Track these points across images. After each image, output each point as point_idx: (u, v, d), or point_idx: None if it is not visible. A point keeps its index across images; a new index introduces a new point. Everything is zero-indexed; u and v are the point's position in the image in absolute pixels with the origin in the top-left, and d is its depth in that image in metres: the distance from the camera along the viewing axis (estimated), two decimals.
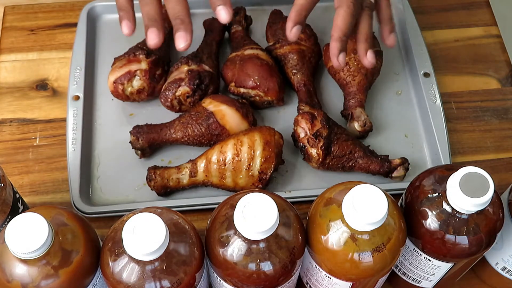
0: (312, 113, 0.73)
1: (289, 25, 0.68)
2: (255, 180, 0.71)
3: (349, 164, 0.74)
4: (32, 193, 0.75)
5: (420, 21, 0.87)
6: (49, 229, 0.50)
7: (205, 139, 0.75)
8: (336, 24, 0.68)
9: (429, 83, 0.82)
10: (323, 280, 0.59)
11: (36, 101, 0.82)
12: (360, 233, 0.53)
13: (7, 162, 0.77)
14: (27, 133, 0.79)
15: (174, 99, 0.77)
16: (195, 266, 0.54)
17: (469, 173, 0.53)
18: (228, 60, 0.80)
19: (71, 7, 0.91)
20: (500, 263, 0.66)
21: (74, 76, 0.81)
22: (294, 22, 0.68)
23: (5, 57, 0.86)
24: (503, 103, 0.84)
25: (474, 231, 0.56)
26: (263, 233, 0.51)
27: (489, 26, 0.91)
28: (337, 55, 0.69)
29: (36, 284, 0.52)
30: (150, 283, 0.52)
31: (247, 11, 0.87)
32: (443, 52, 0.88)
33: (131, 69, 0.77)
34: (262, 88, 0.77)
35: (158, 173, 0.72)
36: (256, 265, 0.53)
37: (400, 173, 0.74)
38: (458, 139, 0.81)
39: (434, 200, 0.56)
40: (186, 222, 0.56)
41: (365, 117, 0.77)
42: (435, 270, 0.61)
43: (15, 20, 0.90)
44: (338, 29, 0.68)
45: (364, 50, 0.71)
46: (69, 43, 0.87)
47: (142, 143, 0.74)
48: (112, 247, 0.54)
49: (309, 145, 0.73)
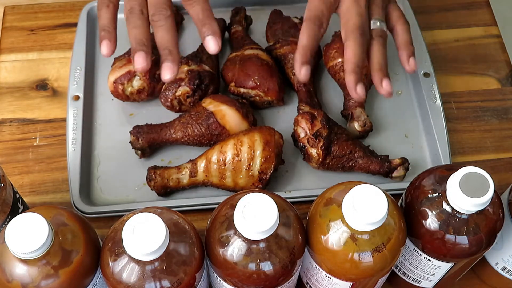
0: (312, 113, 0.73)
1: (297, 67, 0.67)
2: (255, 180, 0.71)
3: (349, 164, 0.74)
4: (32, 193, 0.75)
5: (420, 21, 0.87)
6: (49, 229, 0.50)
7: (205, 139, 0.75)
8: (347, 58, 0.67)
9: (429, 83, 0.82)
10: (323, 280, 0.59)
11: (36, 101, 0.82)
12: (360, 233, 0.53)
13: (7, 162, 0.77)
14: (27, 133, 0.79)
15: (174, 99, 0.77)
16: (195, 266, 0.54)
17: (469, 173, 0.53)
18: (228, 60, 0.80)
19: (71, 7, 0.91)
20: (500, 263, 0.66)
21: (74, 76, 0.81)
22: (301, 63, 0.67)
23: (5, 57, 0.86)
24: (503, 103, 0.84)
25: (474, 231, 0.56)
26: (263, 233, 0.51)
27: (489, 26, 0.91)
28: (354, 87, 0.67)
29: (36, 284, 0.52)
30: (150, 283, 0.52)
31: (247, 11, 0.87)
32: (443, 52, 0.88)
33: (131, 69, 0.77)
34: (262, 88, 0.77)
35: (158, 173, 0.72)
36: (256, 265, 0.53)
37: (400, 173, 0.74)
38: (458, 139, 0.81)
39: (434, 200, 0.56)
40: (186, 222, 0.56)
41: (365, 117, 0.77)
42: (435, 270, 0.61)
43: (15, 20, 0.90)
44: (349, 62, 0.67)
45: (379, 79, 0.68)
46: (69, 43, 0.87)
47: (142, 143, 0.74)
48: (112, 247, 0.54)
49: (309, 145, 0.73)
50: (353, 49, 0.66)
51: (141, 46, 0.64)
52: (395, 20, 0.72)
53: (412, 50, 0.72)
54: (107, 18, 0.67)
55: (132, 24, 0.65)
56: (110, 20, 0.68)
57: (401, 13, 0.73)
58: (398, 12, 0.73)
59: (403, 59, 0.71)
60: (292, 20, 0.84)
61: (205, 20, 0.65)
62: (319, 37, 0.68)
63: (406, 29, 0.72)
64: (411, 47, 0.72)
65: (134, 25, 0.65)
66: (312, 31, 0.67)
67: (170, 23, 0.65)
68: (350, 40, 0.67)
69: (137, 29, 0.65)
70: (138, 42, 0.65)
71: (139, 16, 0.66)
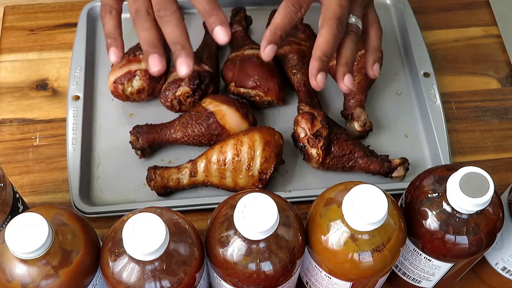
0: (312, 113, 0.73)
1: (263, 45, 0.65)
2: (255, 180, 0.71)
3: (349, 164, 0.74)
4: (32, 193, 0.75)
5: (420, 21, 0.87)
6: (49, 229, 0.50)
7: (205, 139, 0.75)
8: (317, 43, 0.66)
9: (429, 83, 0.82)
10: (323, 280, 0.59)
11: (36, 101, 0.82)
12: (360, 233, 0.53)
13: (7, 162, 0.77)
14: (27, 133, 0.79)
15: (174, 99, 0.77)
16: (195, 266, 0.54)
17: (469, 173, 0.53)
18: (228, 60, 0.80)
19: (71, 7, 0.91)
20: (500, 263, 0.66)
21: (74, 76, 0.81)
22: (268, 41, 0.65)
23: (5, 57, 0.86)
24: (503, 103, 0.84)
25: (474, 231, 0.56)
26: (263, 233, 0.51)
27: (489, 26, 0.91)
28: (315, 75, 0.65)
29: (36, 284, 0.52)
30: (150, 283, 0.52)
31: (247, 11, 0.87)
32: (443, 52, 0.88)
33: (131, 69, 0.77)
34: (262, 88, 0.77)
35: (158, 173, 0.72)
36: (256, 265, 0.53)
37: (400, 173, 0.74)
38: (458, 139, 0.81)
39: (434, 200, 0.56)
40: (186, 222, 0.56)
41: (365, 117, 0.77)
42: (435, 270, 0.61)
43: (15, 20, 0.90)
44: (318, 49, 0.65)
45: (342, 73, 0.68)
46: (69, 43, 0.87)
47: (142, 143, 0.74)
48: (112, 247, 0.54)
49: (309, 145, 0.73)
50: (326, 38, 0.65)
51: (153, 49, 0.64)
52: (370, 23, 0.73)
53: (379, 57, 0.73)
54: (111, 25, 0.67)
55: (141, 27, 0.65)
56: (114, 26, 0.67)
57: (377, 18, 0.74)
58: (375, 17, 0.74)
59: (369, 64, 0.72)
60: None
61: (211, 10, 0.63)
62: (294, 20, 0.66)
63: (378, 35, 0.73)
64: (378, 53, 0.73)
65: (143, 28, 0.65)
66: (288, 12, 0.65)
67: (178, 17, 0.64)
68: (325, 27, 0.66)
69: (146, 32, 0.64)
70: (149, 44, 0.64)
71: (146, 17, 0.65)
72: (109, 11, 0.67)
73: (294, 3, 0.66)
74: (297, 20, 0.66)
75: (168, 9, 0.64)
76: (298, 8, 0.66)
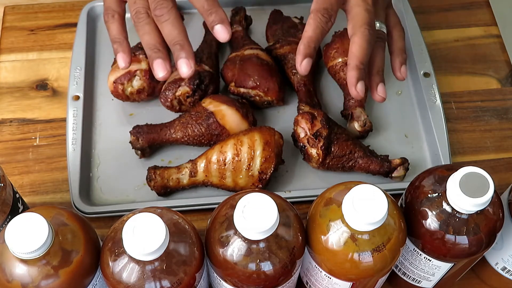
0: (312, 113, 0.73)
1: (299, 59, 0.64)
2: (255, 180, 0.71)
3: (349, 164, 0.74)
4: (32, 193, 0.75)
5: (420, 21, 0.87)
6: (49, 229, 0.50)
7: (205, 139, 0.75)
8: (352, 51, 0.64)
9: (429, 83, 0.82)
10: (323, 280, 0.59)
11: (36, 101, 0.82)
12: (360, 233, 0.53)
13: (7, 162, 0.77)
14: (27, 133, 0.79)
15: (174, 99, 0.77)
16: (195, 266, 0.54)
17: (469, 173, 0.53)
18: (228, 60, 0.80)
19: (71, 7, 0.91)
20: (500, 263, 0.66)
21: (74, 76, 0.81)
22: (304, 55, 0.64)
23: (5, 57, 0.86)
24: (503, 103, 0.84)
25: (474, 231, 0.56)
26: (263, 233, 0.51)
27: (489, 26, 0.91)
28: (355, 84, 0.64)
29: (36, 284, 0.52)
30: (150, 283, 0.52)
31: (247, 11, 0.87)
32: (443, 52, 0.88)
33: (131, 69, 0.77)
34: (262, 88, 0.77)
35: (158, 173, 0.72)
36: (256, 265, 0.53)
37: (400, 173, 0.74)
38: (458, 139, 0.81)
39: (434, 200, 0.56)
40: (186, 222, 0.56)
41: (365, 117, 0.77)
42: (435, 270, 0.61)
43: (15, 20, 0.90)
44: (354, 57, 0.64)
45: (376, 83, 0.67)
46: (69, 43, 0.87)
47: (142, 143, 0.74)
48: (112, 247, 0.54)
49: (309, 145, 0.73)
50: (360, 44, 0.64)
51: (156, 53, 0.63)
52: (392, 25, 0.72)
53: (405, 58, 0.71)
54: (116, 29, 0.67)
55: (142, 31, 0.64)
56: (119, 31, 0.67)
57: (398, 19, 0.73)
58: (396, 18, 0.73)
59: (396, 66, 0.71)
60: (292, 20, 0.84)
61: (211, 8, 0.63)
62: (325, 30, 0.65)
63: (402, 36, 0.72)
64: (404, 55, 0.71)
65: (144, 31, 0.64)
66: (319, 23, 0.64)
67: (175, 15, 0.64)
68: (357, 35, 0.64)
69: (147, 35, 0.64)
70: (152, 48, 0.63)
71: (146, 20, 0.64)
72: (112, 15, 0.67)
73: (323, 13, 0.64)
74: (327, 29, 0.65)
75: (164, 6, 0.63)
76: (328, 18, 0.65)
